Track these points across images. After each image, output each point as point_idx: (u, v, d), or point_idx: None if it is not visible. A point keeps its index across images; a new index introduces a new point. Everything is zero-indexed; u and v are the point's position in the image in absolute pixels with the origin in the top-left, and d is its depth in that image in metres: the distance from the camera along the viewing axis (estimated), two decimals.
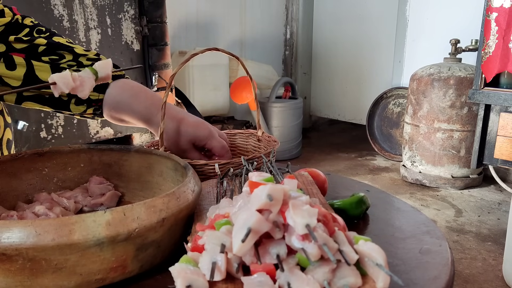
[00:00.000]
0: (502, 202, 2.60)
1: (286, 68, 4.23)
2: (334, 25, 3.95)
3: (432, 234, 0.64)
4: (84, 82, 0.61)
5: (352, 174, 3.12)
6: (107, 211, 0.46)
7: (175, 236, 0.55)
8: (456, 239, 2.14)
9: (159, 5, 2.14)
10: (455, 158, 2.74)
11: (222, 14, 3.52)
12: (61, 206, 0.68)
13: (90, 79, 0.61)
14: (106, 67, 0.64)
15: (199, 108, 2.61)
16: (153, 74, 2.14)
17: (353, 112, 3.97)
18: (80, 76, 0.61)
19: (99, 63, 0.64)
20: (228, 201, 0.54)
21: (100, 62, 0.65)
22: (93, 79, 0.62)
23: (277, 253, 0.43)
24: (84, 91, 0.61)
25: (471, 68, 2.64)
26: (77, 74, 0.61)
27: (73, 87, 0.60)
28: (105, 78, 0.64)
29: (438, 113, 2.71)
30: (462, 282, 1.77)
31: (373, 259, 0.43)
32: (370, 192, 0.81)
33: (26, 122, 1.69)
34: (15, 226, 0.43)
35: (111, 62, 0.66)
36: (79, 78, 0.60)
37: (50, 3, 1.73)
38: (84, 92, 0.61)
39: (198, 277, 0.42)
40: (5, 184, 0.68)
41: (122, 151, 0.73)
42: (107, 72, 0.64)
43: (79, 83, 0.60)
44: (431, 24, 3.22)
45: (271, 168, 0.69)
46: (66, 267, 0.45)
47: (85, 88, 0.61)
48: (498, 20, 2.01)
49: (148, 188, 0.72)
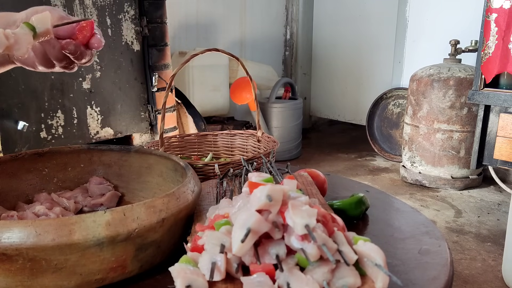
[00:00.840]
0: (502, 202, 2.60)
1: (286, 69, 4.23)
2: (334, 26, 3.95)
3: (431, 235, 0.64)
4: (19, 39, 0.54)
5: (352, 175, 3.13)
6: (107, 211, 0.47)
7: (175, 236, 0.55)
8: (455, 240, 2.14)
9: (159, 6, 2.14)
10: (455, 158, 2.74)
11: (222, 15, 3.52)
12: (61, 206, 0.68)
13: (26, 35, 0.55)
14: (45, 21, 0.57)
15: (199, 109, 2.61)
16: (153, 75, 2.14)
17: (353, 112, 3.97)
18: (14, 33, 0.54)
19: (36, 17, 0.57)
20: (228, 202, 0.54)
21: (38, 16, 0.58)
22: (30, 35, 0.55)
23: (276, 253, 0.43)
24: (21, 49, 0.55)
25: (470, 69, 2.64)
26: (10, 31, 0.54)
27: (7, 46, 0.53)
28: (45, 33, 0.57)
29: (438, 114, 2.71)
30: (462, 283, 1.77)
31: (372, 259, 0.43)
32: (370, 192, 0.81)
33: (26, 123, 1.69)
34: (16, 226, 0.44)
35: (49, 15, 0.58)
36: (13, 35, 0.54)
37: (50, 3, 1.73)
38: (21, 50, 0.55)
39: (197, 277, 0.42)
40: (5, 184, 0.68)
41: (122, 151, 0.74)
42: (46, 27, 0.57)
43: (14, 41, 0.54)
44: (431, 25, 3.22)
45: (271, 168, 0.69)
46: (66, 267, 0.45)
47: (21, 46, 0.54)
48: (497, 21, 2.01)
49: (148, 189, 0.72)
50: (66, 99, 1.84)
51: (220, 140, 1.00)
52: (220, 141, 1.00)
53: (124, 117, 2.09)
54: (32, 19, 0.57)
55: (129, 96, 2.09)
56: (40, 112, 1.77)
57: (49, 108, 1.79)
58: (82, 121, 1.92)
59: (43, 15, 0.58)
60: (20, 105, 1.70)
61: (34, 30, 0.56)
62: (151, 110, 2.20)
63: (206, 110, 3.06)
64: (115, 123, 2.06)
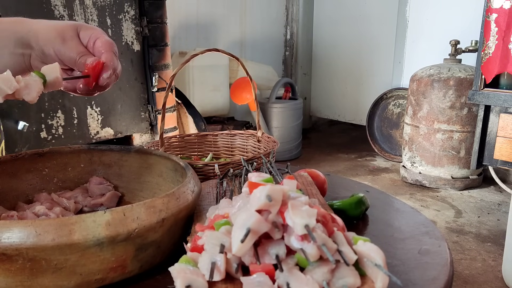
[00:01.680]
0: (502, 203, 2.60)
1: (286, 69, 4.23)
2: (334, 26, 3.95)
3: (431, 235, 0.64)
4: (30, 84, 0.55)
5: (352, 175, 3.12)
6: (107, 211, 0.47)
7: (175, 236, 0.55)
8: (455, 240, 2.14)
9: (159, 6, 2.15)
10: (455, 159, 2.74)
11: (222, 15, 3.52)
12: (61, 206, 0.68)
13: (36, 82, 0.55)
14: (54, 71, 0.58)
15: (199, 109, 2.61)
16: (153, 75, 2.14)
17: (353, 112, 3.97)
18: (24, 79, 0.55)
19: (46, 67, 0.58)
20: (228, 202, 0.54)
21: (47, 66, 0.58)
22: (40, 82, 0.56)
23: (276, 253, 0.43)
24: (31, 93, 0.55)
25: (471, 69, 2.64)
26: (20, 77, 0.55)
27: (18, 89, 0.54)
28: (54, 83, 0.58)
29: (438, 114, 2.71)
30: (462, 283, 1.77)
31: (372, 259, 0.43)
32: (370, 192, 0.81)
33: (26, 123, 1.69)
34: (15, 226, 0.44)
35: (58, 66, 0.59)
36: (24, 80, 0.54)
37: (50, 4, 1.73)
38: (31, 95, 0.55)
39: (197, 277, 0.42)
40: (5, 184, 0.68)
41: (122, 151, 0.74)
42: (56, 76, 0.58)
43: (24, 85, 0.54)
44: (431, 25, 3.22)
45: (271, 168, 0.69)
46: (66, 267, 0.46)
47: (31, 90, 0.55)
48: (498, 21, 2.01)
49: (148, 189, 0.73)
50: (66, 99, 1.84)
51: (220, 140, 1.00)
52: (220, 141, 1.01)
53: (124, 117, 2.09)
54: (42, 68, 0.58)
55: (129, 96, 2.09)
56: (40, 112, 1.77)
57: (49, 108, 1.80)
58: (82, 121, 1.92)
59: (53, 66, 0.58)
60: (20, 105, 1.70)
61: (44, 78, 0.57)
62: (151, 110, 2.20)
63: (206, 110, 3.06)
64: (115, 123, 2.06)
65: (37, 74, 0.57)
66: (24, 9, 1.65)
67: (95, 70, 0.60)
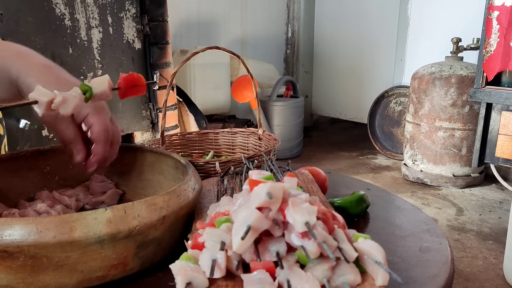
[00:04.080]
0: (503, 200, 2.60)
1: (287, 67, 4.23)
2: (336, 24, 3.94)
3: (432, 232, 0.64)
4: (67, 99, 0.56)
5: (353, 173, 3.12)
6: (108, 209, 0.47)
7: (176, 233, 0.55)
8: (457, 238, 2.14)
9: (160, 4, 2.14)
10: (457, 156, 2.74)
11: (223, 13, 3.52)
12: (63, 204, 0.68)
13: (75, 98, 0.57)
14: (103, 83, 0.60)
15: (200, 107, 2.61)
16: (154, 73, 2.14)
17: (355, 111, 3.97)
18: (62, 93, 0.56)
19: (96, 79, 0.60)
20: (229, 199, 0.54)
21: (97, 78, 0.60)
22: (79, 97, 0.57)
23: (276, 250, 0.43)
24: (67, 108, 0.56)
25: (472, 67, 2.64)
26: (57, 92, 0.56)
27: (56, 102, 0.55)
28: (101, 96, 0.60)
29: (439, 112, 2.70)
30: (463, 281, 1.77)
31: (373, 256, 0.43)
32: (371, 190, 0.81)
33: (28, 121, 1.69)
34: (17, 223, 0.44)
35: (108, 78, 0.61)
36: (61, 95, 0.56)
37: (51, 2, 1.73)
38: (67, 110, 0.56)
39: (198, 275, 0.42)
40: (7, 182, 0.68)
41: (123, 149, 0.74)
42: (104, 89, 0.59)
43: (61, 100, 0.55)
44: (432, 23, 3.22)
45: (272, 166, 0.69)
46: (67, 264, 0.46)
47: (68, 105, 0.56)
48: (499, 18, 2.00)
49: (149, 186, 0.73)
50: None
51: (221, 138, 1.01)
52: (221, 139, 1.01)
53: (125, 116, 2.09)
54: (92, 81, 0.60)
55: None
56: None
57: None
58: None
59: (102, 78, 0.60)
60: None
61: (90, 91, 0.59)
62: (152, 108, 2.20)
63: (207, 108, 3.06)
64: (116, 121, 2.06)
65: (82, 87, 0.58)
66: (25, 7, 1.65)
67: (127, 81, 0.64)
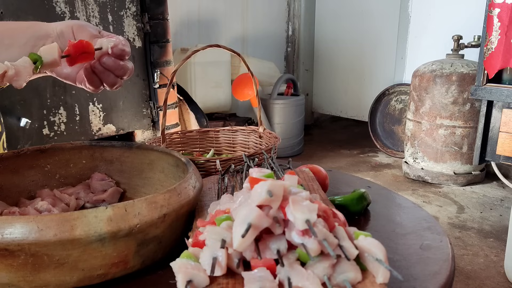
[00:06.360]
0: (504, 198, 2.60)
1: (288, 65, 4.22)
2: (336, 22, 3.93)
3: (433, 230, 0.64)
4: (19, 72, 0.55)
5: (354, 171, 3.12)
6: (109, 207, 0.47)
7: (176, 231, 0.55)
8: (458, 236, 2.14)
9: (161, 2, 2.14)
10: (457, 154, 2.73)
11: (224, 11, 3.52)
12: (63, 202, 0.68)
13: (26, 68, 0.56)
14: (52, 52, 0.58)
15: (201, 105, 2.61)
16: (155, 71, 2.14)
17: (355, 109, 3.96)
18: (14, 65, 0.55)
19: (44, 48, 0.59)
20: (229, 197, 0.54)
21: (45, 47, 0.59)
22: (30, 68, 0.56)
23: (277, 248, 0.43)
24: (19, 81, 0.55)
25: (473, 64, 2.63)
26: (9, 63, 0.55)
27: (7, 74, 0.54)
28: (52, 64, 0.58)
29: (440, 110, 2.70)
30: (464, 278, 1.77)
31: (373, 254, 0.43)
32: (372, 188, 0.81)
33: (29, 119, 1.69)
34: (18, 221, 0.44)
35: (57, 46, 0.59)
36: (13, 67, 0.55)
37: (52, 0, 1.73)
38: (19, 82, 0.56)
39: (199, 272, 0.42)
40: (8, 181, 0.68)
41: (123, 147, 0.74)
42: (54, 57, 0.58)
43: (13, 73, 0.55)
44: (433, 21, 3.21)
45: (272, 164, 0.69)
46: (68, 262, 0.46)
47: (20, 78, 0.55)
48: (500, 16, 2.00)
49: (149, 185, 0.73)
50: (68, 96, 1.84)
51: (221, 136, 1.01)
52: (221, 137, 1.01)
53: (126, 114, 2.09)
54: (40, 49, 0.59)
55: (131, 92, 2.09)
56: (43, 109, 1.77)
57: (52, 105, 1.80)
58: (84, 118, 1.92)
59: (51, 46, 0.59)
60: (23, 102, 1.70)
61: (40, 60, 0.57)
62: (153, 106, 2.20)
63: (208, 106, 3.06)
64: (117, 120, 2.06)
65: (30, 57, 0.57)
66: (26, 6, 1.65)
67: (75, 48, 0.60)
